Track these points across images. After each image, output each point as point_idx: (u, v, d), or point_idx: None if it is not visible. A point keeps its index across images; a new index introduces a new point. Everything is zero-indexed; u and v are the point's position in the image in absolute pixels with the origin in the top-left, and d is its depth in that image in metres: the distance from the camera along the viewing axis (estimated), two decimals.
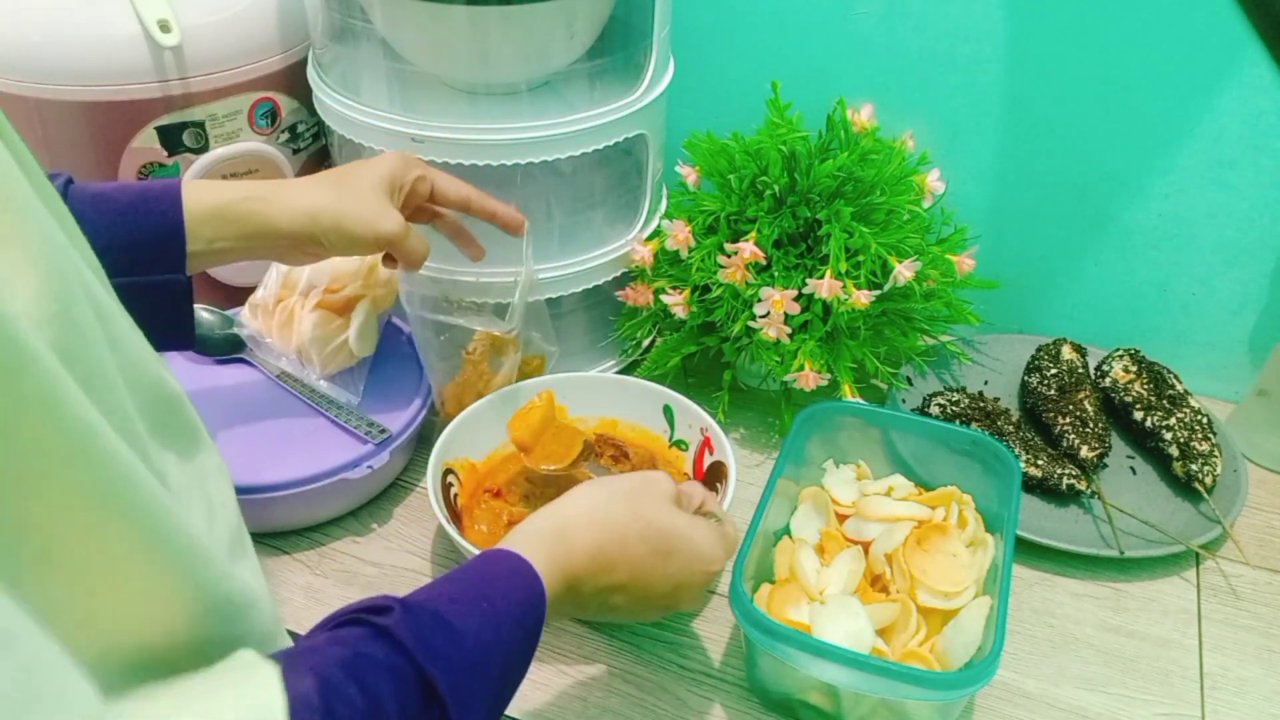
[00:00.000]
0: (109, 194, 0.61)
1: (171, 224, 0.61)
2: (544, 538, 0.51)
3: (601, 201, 0.88)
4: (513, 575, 0.48)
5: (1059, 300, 0.97)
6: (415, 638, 0.40)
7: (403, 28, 0.76)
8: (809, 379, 0.79)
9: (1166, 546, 0.75)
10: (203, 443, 0.44)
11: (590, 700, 0.65)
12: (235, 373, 0.82)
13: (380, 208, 0.66)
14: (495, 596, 0.46)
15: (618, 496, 0.55)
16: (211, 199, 0.62)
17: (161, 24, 0.76)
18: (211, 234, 0.62)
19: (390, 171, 0.67)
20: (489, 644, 0.43)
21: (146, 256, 0.61)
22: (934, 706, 0.59)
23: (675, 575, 0.55)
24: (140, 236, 0.60)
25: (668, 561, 0.54)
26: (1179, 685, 0.67)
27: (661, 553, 0.54)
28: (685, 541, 0.55)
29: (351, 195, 0.65)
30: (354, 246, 0.66)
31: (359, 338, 0.80)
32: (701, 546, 0.56)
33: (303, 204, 0.64)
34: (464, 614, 0.43)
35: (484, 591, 0.46)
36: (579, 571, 0.51)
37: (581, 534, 0.52)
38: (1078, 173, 0.89)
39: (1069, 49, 0.84)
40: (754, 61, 0.94)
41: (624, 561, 0.53)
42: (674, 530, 0.55)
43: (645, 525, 0.54)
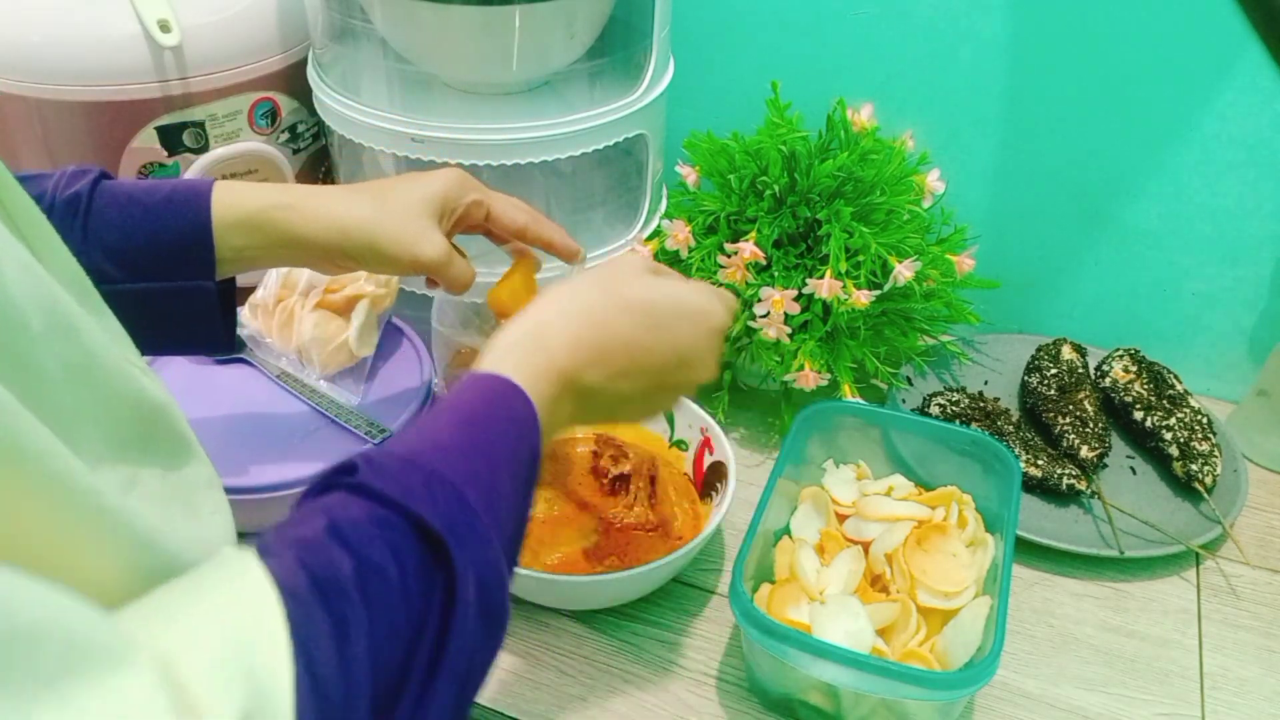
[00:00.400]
0: (137, 194, 0.58)
1: (199, 230, 0.58)
2: (516, 348, 0.47)
3: (601, 201, 0.88)
4: (492, 395, 0.44)
5: (1059, 300, 0.97)
6: (391, 484, 0.37)
7: (403, 28, 0.76)
8: (809, 379, 0.79)
9: (1166, 546, 0.75)
10: (192, 455, 0.43)
11: (590, 700, 0.65)
12: (235, 373, 0.82)
13: (421, 229, 0.61)
14: (478, 424, 0.42)
15: (586, 285, 0.52)
16: (242, 205, 0.59)
17: (161, 24, 0.76)
18: (241, 242, 0.59)
19: (443, 191, 0.62)
20: (483, 478, 0.40)
21: (171, 261, 0.58)
22: (934, 706, 0.59)
23: (677, 341, 0.52)
24: (166, 240, 0.58)
25: (662, 330, 0.51)
26: (1179, 685, 0.67)
27: (652, 323, 0.51)
28: (674, 304, 0.52)
29: (391, 212, 0.60)
30: (387, 266, 0.62)
31: (359, 338, 0.80)
32: (694, 303, 0.53)
33: (334, 216, 0.60)
34: (446, 452, 0.40)
35: (465, 421, 0.42)
36: (567, 370, 0.47)
37: (557, 331, 0.48)
38: (1078, 172, 0.89)
39: (1069, 49, 0.84)
40: (754, 61, 0.94)
41: (615, 344, 0.49)
42: (657, 297, 0.52)
43: (624, 300, 0.51)
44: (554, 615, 0.71)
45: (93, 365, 0.35)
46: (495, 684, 0.66)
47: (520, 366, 0.45)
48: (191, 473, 0.43)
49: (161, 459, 0.40)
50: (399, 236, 0.60)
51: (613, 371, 0.49)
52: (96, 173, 0.59)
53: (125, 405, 0.38)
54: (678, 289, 0.53)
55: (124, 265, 0.57)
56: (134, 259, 0.57)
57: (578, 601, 0.70)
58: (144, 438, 0.39)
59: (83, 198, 0.57)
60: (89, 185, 0.58)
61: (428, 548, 0.36)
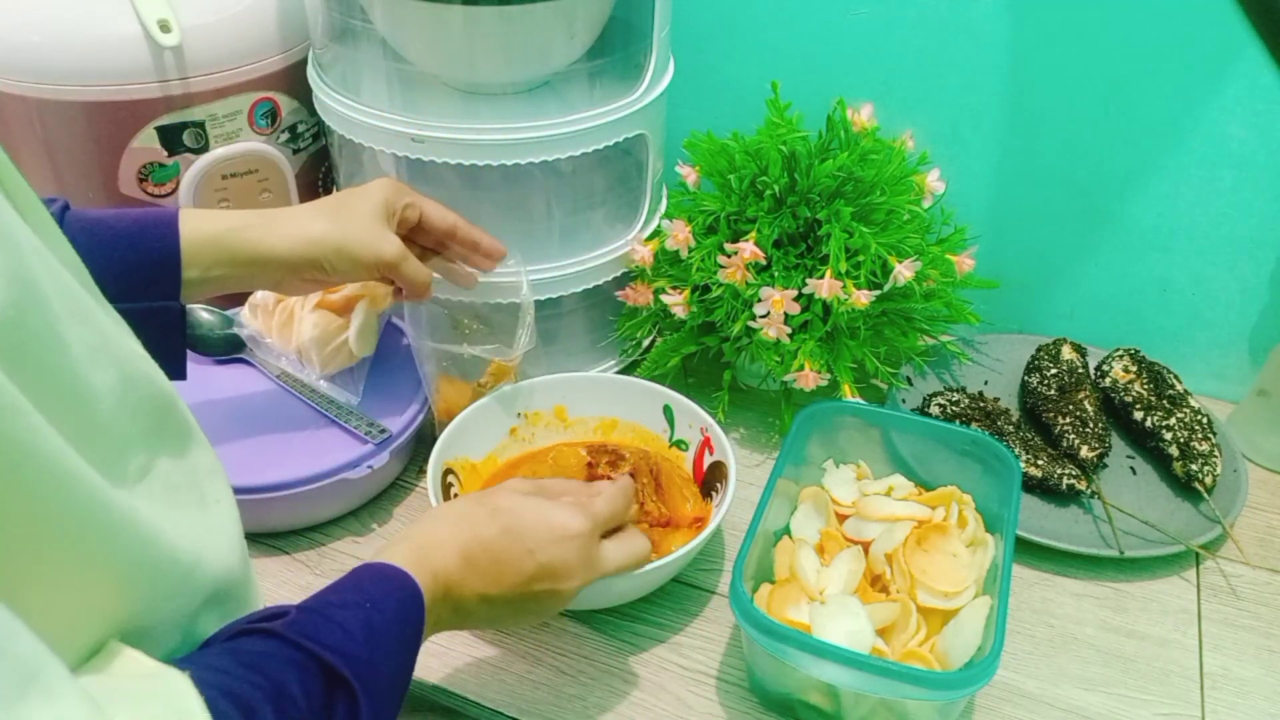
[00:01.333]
0: (106, 220, 0.61)
1: (168, 251, 0.61)
2: (405, 545, 0.52)
3: (601, 201, 0.88)
4: (385, 578, 0.49)
5: (1059, 300, 0.97)
6: (307, 634, 0.41)
7: (403, 28, 0.76)
8: (809, 379, 0.79)
9: (1166, 546, 0.75)
10: (196, 441, 0.44)
11: (590, 700, 0.65)
12: (235, 373, 0.82)
13: (379, 232, 0.67)
14: (375, 595, 0.47)
15: (471, 497, 0.58)
16: (209, 228, 0.63)
17: (161, 24, 0.76)
18: (209, 261, 0.63)
19: (384, 198, 0.68)
20: (378, 632, 0.45)
21: (141, 283, 0.61)
22: (934, 706, 0.59)
23: (536, 551, 0.55)
24: (136, 263, 0.61)
25: (521, 539, 0.54)
26: (1179, 685, 0.67)
27: (513, 531, 0.54)
28: (533, 515, 0.56)
29: (351, 221, 0.66)
30: (356, 270, 0.67)
31: (359, 338, 0.80)
32: (551, 515, 0.56)
33: (303, 231, 0.65)
34: (348, 613, 0.45)
35: (363, 593, 0.47)
36: (445, 573, 0.51)
37: (440, 535, 0.53)
38: (1078, 172, 0.89)
39: (1069, 49, 0.84)
40: (754, 61, 0.94)
41: (482, 552, 0.53)
42: (522, 508, 0.56)
43: (494, 510, 0.55)
44: (554, 615, 0.71)
45: (109, 348, 0.36)
46: (495, 684, 0.66)
47: (407, 563, 0.50)
48: (197, 460, 0.43)
49: (172, 445, 0.41)
50: (362, 239, 0.66)
51: (481, 579, 0.53)
52: (62, 202, 0.61)
53: (141, 389, 0.38)
54: (540, 505, 0.57)
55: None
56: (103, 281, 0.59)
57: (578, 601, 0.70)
58: (158, 423, 0.40)
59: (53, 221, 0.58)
60: (58, 211, 0.60)
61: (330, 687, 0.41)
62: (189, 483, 0.42)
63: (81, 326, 0.34)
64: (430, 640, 0.68)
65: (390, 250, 0.67)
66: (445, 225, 0.72)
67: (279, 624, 0.42)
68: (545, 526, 0.56)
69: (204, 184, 0.82)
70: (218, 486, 0.45)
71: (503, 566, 0.54)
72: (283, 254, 0.64)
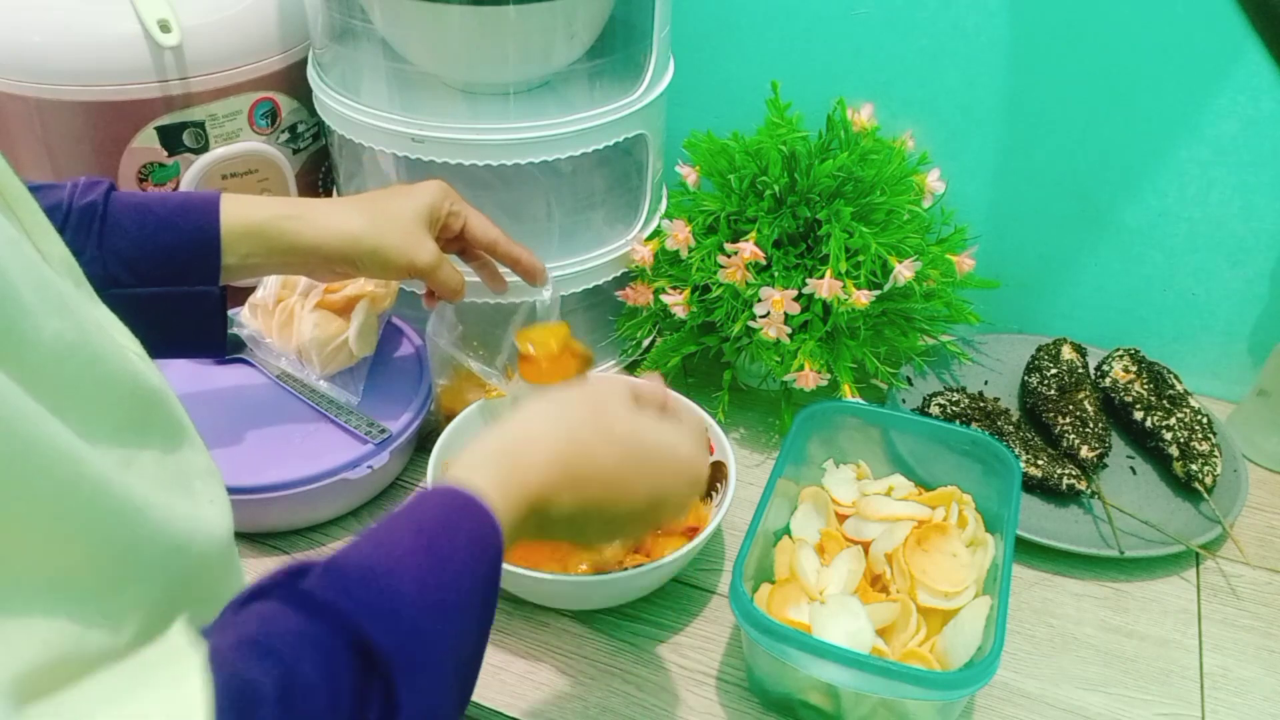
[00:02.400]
0: (149, 204, 0.62)
1: (208, 237, 0.62)
2: (493, 461, 0.45)
3: (601, 201, 0.88)
4: (457, 513, 0.41)
5: (1059, 300, 0.97)
6: (339, 595, 0.35)
7: (403, 28, 0.76)
8: (809, 379, 0.79)
9: (1166, 546, 0.75)
10: (188, 442, 0.43)
11: (590, 700, 0.65)
12: (235, 373, 0.82)
13: (417, 237, 0.66)
14: (438, 538, 0.39)
15: (576, 404, 0.49)
16: (249, 215, 0.63)
17: (161, 24, 0.76)
18: (247, 250, 0.63)
19: (430, 203, 0.68)
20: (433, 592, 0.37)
21: (181, 267, 0.62)
22: (934, 706, 0.59)
23: (657, 484, 0.50)
24: (177, 248, 0.61)
25: (643, 471, 0.49)
26: (1179, 685, 0.67)
27: (636, 462, 0.49)
28: (662, 448, 0.50)
29: (390, 222, 0.66)
30: (387, 272, 0.67)
31: (359, 338, 0.80)
32: (681, 451, 0.51)
33: (341, 226, 0.64)
34: (400, 562, 0.37)
35: (422, 536, 0.39)
36: (540, 493, 0.45)
37: (539, 448, 0.46)
38: (1078, 172, 0.89)
39: (1069, 49, 0.84)
40: (754, 61, 0.94)
41: (593, 474, 0.47)
42: (648, 438, 0.50)
43: (611, 433, 0.48)
44: (554, 615, 0.71)
45: (87, 344, 0.35)
46: (495, 684, 0.66)
47: (492, 482, 0.43)
48: (188, 459, 0.43)
49: (158, 443, 0.40)
50: (398, 243, 0.65)
51: (584, 500, 0.47)
52: (108, 184, 0.62)
53: (121, 386, 0.38)
54: (667, 433, 0.51)
55: (136, 271, 0.60)
56: (146, 265, 0.61)
57: (578, 601, 0.70)
58: (140, 421, 0.39)
59: (98, 206, 0.60)
60: (103, 195, 0.60)
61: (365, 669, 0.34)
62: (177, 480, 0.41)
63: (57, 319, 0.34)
64: None
65: (424, 257, 0.66)
66: (487, 240, 0.72)
67: (304, 583, 0.35)
68: (672, 461, 0.50)
69: (204, 184, 0.82)
70: (211, 489, 0.44)
71: (612, 493, 0.48)
72: (319, 247, 0.64)
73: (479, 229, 0.72)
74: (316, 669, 0.32)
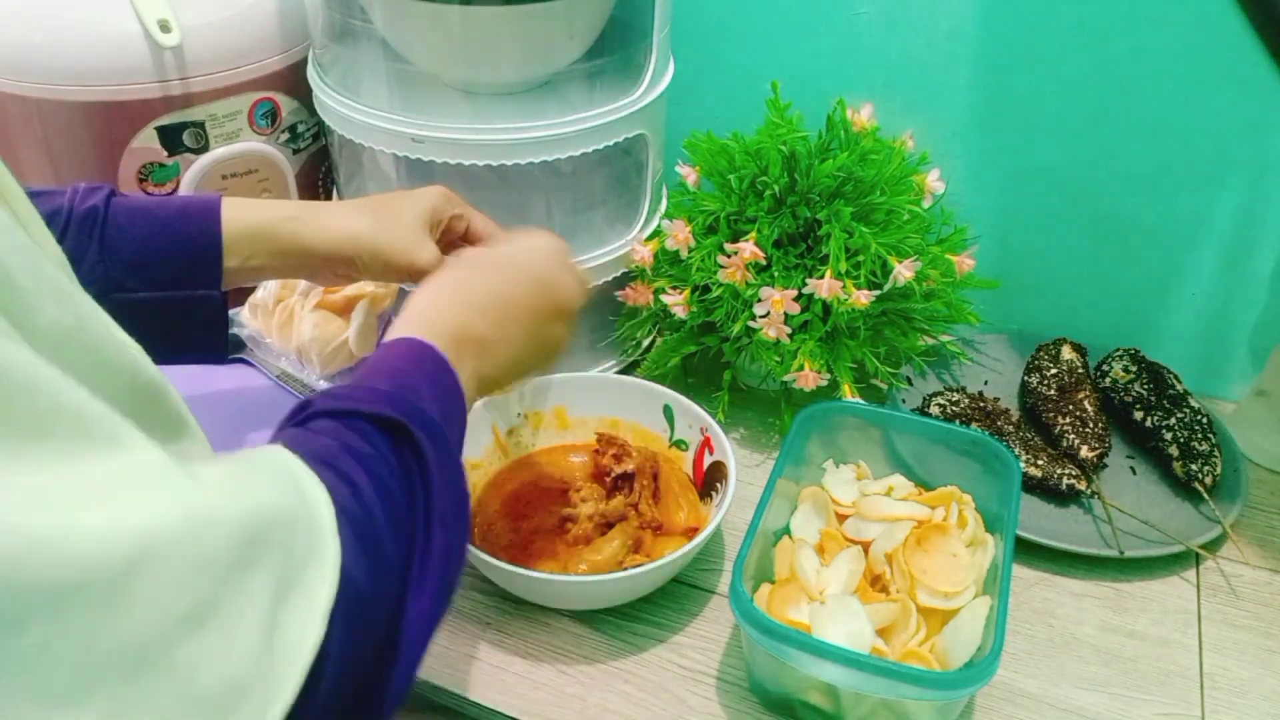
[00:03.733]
0: (150, 209, 0.62)
1: (210, 240, 0.62)
2: (409, 322, 0.53)
3: (601, 201, 0.88)
4: (404, 347, 0.50)
5: (1059, 300, 0.96)
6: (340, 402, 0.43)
7: (403, 28, 0.76)
8: (809, 379, 0.79)
9: (1166, 546, 0.75)
10: (188, 433, 0.44)
11: (590, 700, 0.65)
12: (235, 373, 0.82)
13: (418, 238, 0.67)
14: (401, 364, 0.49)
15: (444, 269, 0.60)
16: (250, 218, 0.63)
17: (161, 24, 0.76)
18: (249, 251, 0.63)
19: (432, 206, 0.68)
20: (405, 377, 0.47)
21: (183, 271, 0.62)
22: (934, 706, 0.59)
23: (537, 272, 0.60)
24: (179, 251, 0.62)
25: (513, 269, 0.60)
26: (1179, 685, 0.67)
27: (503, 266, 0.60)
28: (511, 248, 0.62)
29: (391, 224, 0.66)
30: (388, 273, 0.67)
31: (358, 338, 0.80)
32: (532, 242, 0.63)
33: (342, 228, 0.65)
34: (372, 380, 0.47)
35: (387, 364, 0.49)
36: (458, 328, 0.53)
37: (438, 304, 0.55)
38: (1078, 173, 0.89)
39: (1069, 49, 0.84)
40: (754, 61, 0.94)
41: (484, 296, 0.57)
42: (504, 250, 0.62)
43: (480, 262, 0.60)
44: (554, 615, 0.71)
45: (85, 331, 0.35)
46: (495, 684, 0.66)
47: (419, 332, 0.52)
48: (190, 454, 0.43)
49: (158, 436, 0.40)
50: (399, 244, 0.66)
51: (493, 319, 0.56)
52: (108, 189, 0.62)
53: (121, 376, 0.38)
54: (513, 241, 0.64)
55: (138, 275, 0.61)
56: (148, 269, 0.61)
57: (578, 601, 0.70)
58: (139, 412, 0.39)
59: (100, 211, 0.60)
60: (104, 199, 0.61)
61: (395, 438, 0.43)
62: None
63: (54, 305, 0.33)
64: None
65: (425, 259, 0.67)
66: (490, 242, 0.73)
67: (310, 408, 0.43)
68: (530, 250, 0.62)
69: (204, 184, 0.82)
70: None
71: (510, 299, 0.57)
72: (320, 247, 0.65)
73: (482, 230, 0.72)
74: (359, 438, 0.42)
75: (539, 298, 0.59)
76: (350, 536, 0.36)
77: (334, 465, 0.39)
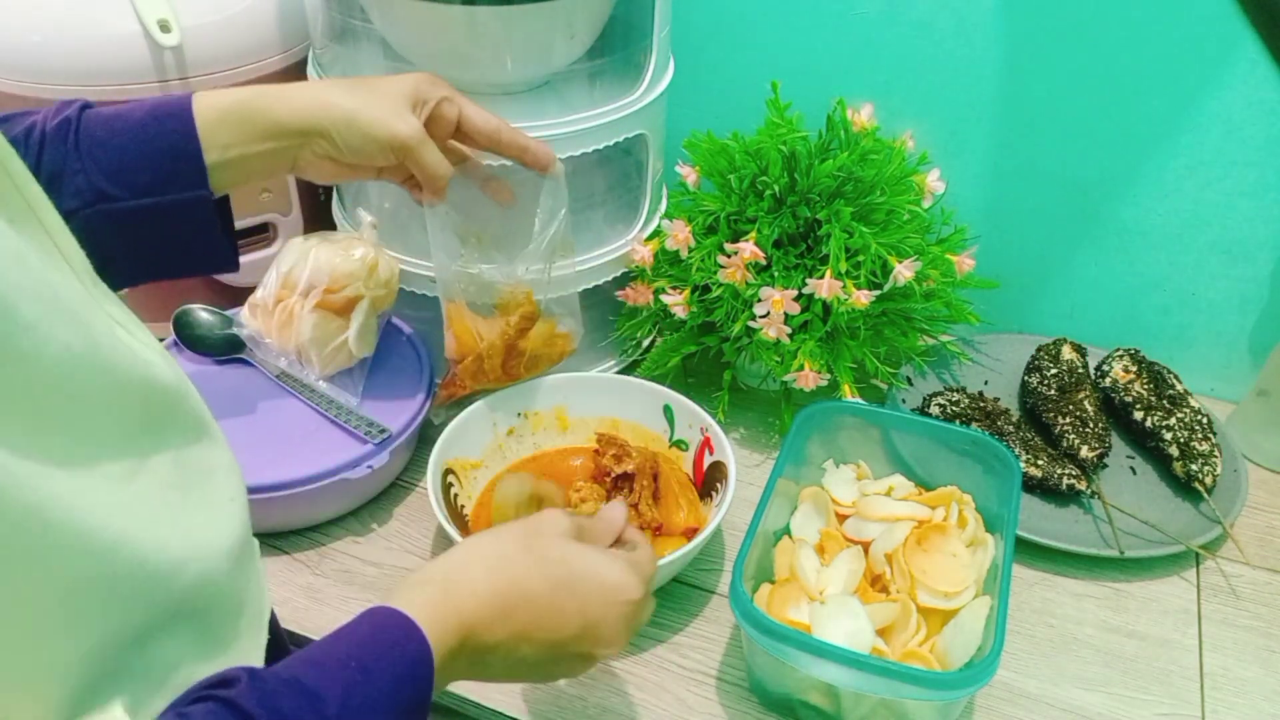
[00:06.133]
0: (122, 113, 0.60)
1: (186, 133, 0.59)
2: (428, 586, 0.46)
3: (601, 201, 0.88)
4: (388, 630, 0.43)
5: (1059, 300, 0.97)
6: (262, 706, 0.36)
7: (403, 28, 0.76)
8: (809, 379, 0.79)
9: (1166, 546, 0.75)
10: (209, 438, 0.43)
11: (590, 700, 0.65)
12: (235, 373, 0.82)
13: (398, 109, 0.64)
14: (366, 656, 0.41)
15: (509, 537, 0.51)
16: (222, 102, 0.61)
17: (161, 24, 0.76)
18: (226, 139, 0.61)
19: (414, 85, 0.65)
20: (357, 708, 0.39)
21: (166, 172, 0.59)
22: (934, 706, 0.59)
23: (585, 610, 0.49)
24: (157, 149, 0.59)
25: (572, 595, 0.49)
26: (1179, 685, 0.67)
27: (565, 586, 0.49)
28: (590, 572, 0.50)
29: (369, 94, 0.64)
30: (367, 147, 0.64)
31: (358, 338, 0.80)
32: (609, 574, 0.50)
33: (314, 98, 0.63)
34: (325, 677, 0.39)
35: (352, 652, 0.41)
36: (473, 620, 0.46)
37: (472, 578, 0.47)
38: (1077, 172, 0.89)
39: (1068, 49, 0.84)
40: (754, 61, 0.94)
41: (522, 602, 0.47)
42: (575, 562, 0.50)
43: (542, 559, 0.49)
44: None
45: (97, 352, 0.35)
46: (495, 684, 0.66)
47: (426, 607, 0.44)
48: (208, 456, 0.42)
49: (175, 443, 0.40)
50: (376, 113, 0.63)
51: (514, 631, 0.47)
52: (81, 102, 0.60)
53: (134, 390, 0.38)
54: (596, 560, 0.51)
55: (120, 182, 0.58)
56: (129, 174, 0.59)
57: None
58: (155, 422, 0.39)
59: (71, 121, 0.59)
60: (76, 111, 0.59)
61: None
62: (197, 479, 0.41)
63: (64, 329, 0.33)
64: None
65: (404, 129, 0.63)
66: (488, 129, 0.69)
67: (234, 691, 0.37)
68: (599, 586, 0.50)
69: None
70: (232, 485, 0.44)
71: (542, 621, 0.48)
72: (294, 122, 0.62)
73: (478, 117, 0.69)
74: None
75: (573, 640, 0.49)
76: None
77: None
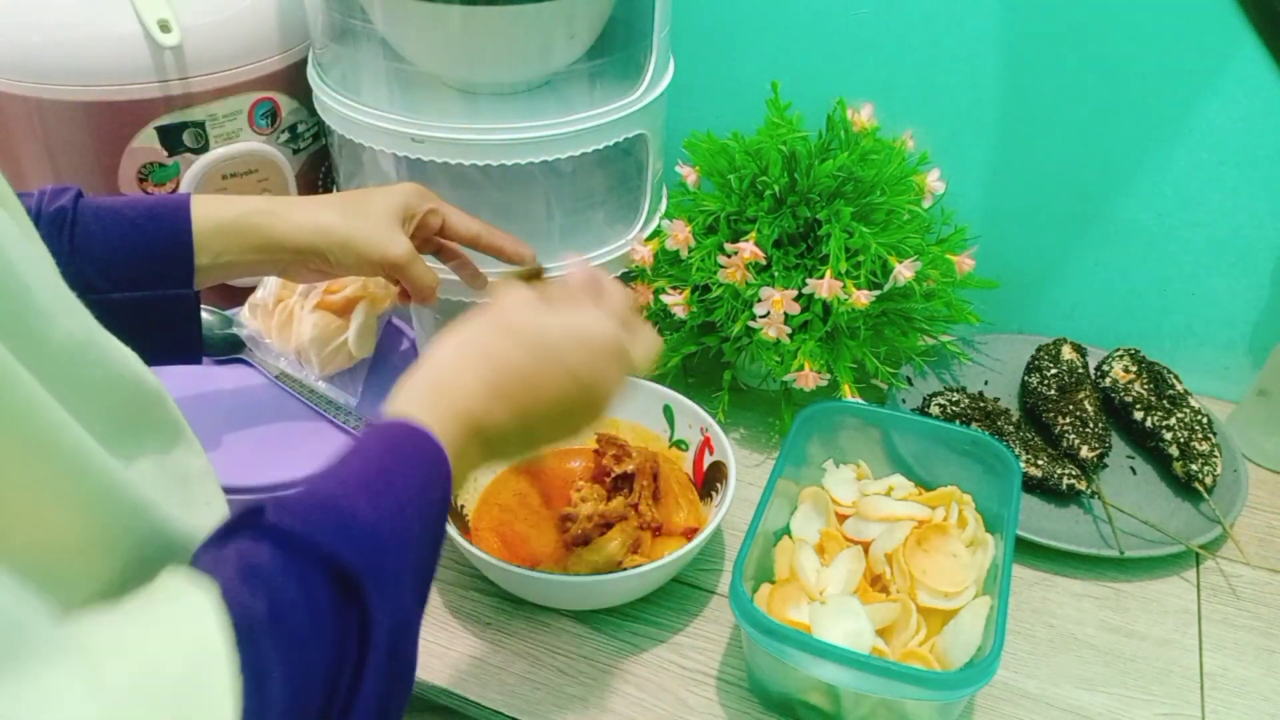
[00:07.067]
0: (119, 208, 0.62)
1: (180, 238, 0.62)
2: (419, 393, 0.47)
3: (601, 201, 0.88)
4: (396, 439, 0.43)
5: (1059, 300, 0.96)
6: (302, 524, 0.36)
7: (403, 28, 0.76)
8: (809, 379, 0.79)
9: (1166, 546, 0.75)
10: (185, 442, 0.43)
11: (590, 700, 0.65)
12: (234, 373, 0.82)
13: (390, 231, 0.66)
14: (386, 463, 0.42)
15: (480, 326, 0.51)
16: (220, 213, 0.63)
17: (161, 24, 0.76)
18: (219, 248, 0.63)
19: (405, 201, 0.68)
20: (387, 511, 0.39)
21: (155, 271, 0.61)
22: (934, 706, 0.59)
23: (570, 365, 0.50)
24: (150, 249, 0.61)
25: (553, 356, 0.50)
26: (1179, 685, 0.67)
27: (543, 350, 0.50)
28: (562, 329, 0.51)
29: (362, 217, 0.66)
30: (360, 266, 0.67)
31: (358, 339, 0.80)
32: (582, 327, 0.52)
33: (311, 221, 0.65)
34: (352, 489, 0.40)
35: (370, 464, 0.42)
36: (472, 409, 0.47)
37: (459, 372, 0.48)
38: (1077, 172, 0.89)
39: (1068, 49, 0.84)
40: (754, 61, 0.94)
41: (514, 380, 0.49)
42: (546, 324, 0.51)
43: (517, 334, 0.50)
44: (554, 615, 0.71)
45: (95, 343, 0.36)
46: (495, 684, 0.66)
47: (425, 411, 0.45)
48: (186, 461, 0.43)
49: (157, 445, 0.40)
50: (369, 236, 0.65)
51: (514, 408, 0.48)
52: (75, 190, 0.61)
53: (125, 387, 0.38)
54: (565, 316, 0.52)
55: (109, 276, 0.60)
56: (119, 270, 0.60)
57: (578, 601, 0.70)
58: (141, 422, 0.39)
59: (68, 211, 0.60)
60: (71, 200, 0.60)
61: (340, 588, 0.36)
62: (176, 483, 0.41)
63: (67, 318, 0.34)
64: (430, 640, 0.68)
65: (397, 251, 0.66)
66: (469, 234, 0.72)
67: (267, 517, 0.36)
68: (574, 339, 0.51)
69: (204, 184, 0.82)
70: (208, 489, 0.44)
71: (538, 390, 0.49)
72: (290, 242, 0.64)
73: (460, 224, 0.72)
74: (295, 589, 0.34)
75: (572, 395, 0.51)
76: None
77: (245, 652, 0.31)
